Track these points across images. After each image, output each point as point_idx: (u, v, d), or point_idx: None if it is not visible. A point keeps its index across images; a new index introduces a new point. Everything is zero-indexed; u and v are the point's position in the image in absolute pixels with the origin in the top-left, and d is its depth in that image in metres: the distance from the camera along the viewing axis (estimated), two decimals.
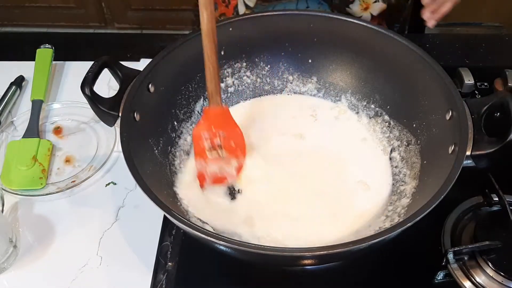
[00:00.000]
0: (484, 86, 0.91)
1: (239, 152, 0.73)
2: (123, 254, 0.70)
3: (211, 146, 0.71)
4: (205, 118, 0.71)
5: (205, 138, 0.71)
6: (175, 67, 0.74)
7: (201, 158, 0.72)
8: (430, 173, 0.67)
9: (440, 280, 0.67)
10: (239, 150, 0.73)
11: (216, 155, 0.72)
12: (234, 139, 0.72)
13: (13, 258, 0.70)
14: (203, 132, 0.71)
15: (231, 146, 0.72)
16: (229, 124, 0.72)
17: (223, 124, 0.72)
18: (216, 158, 0.72)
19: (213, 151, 0.72)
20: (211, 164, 0.72)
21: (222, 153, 0.72)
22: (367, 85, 0.81)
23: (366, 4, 0.95)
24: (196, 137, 0.72)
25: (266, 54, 0.83)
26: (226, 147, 0.72)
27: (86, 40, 1.08)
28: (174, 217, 0.56)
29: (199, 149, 0.72)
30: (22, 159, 0.79)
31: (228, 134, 0.72)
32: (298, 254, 0.55)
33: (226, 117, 0.72)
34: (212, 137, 0.71)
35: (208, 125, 0.71)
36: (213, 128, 0.71)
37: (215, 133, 0.71)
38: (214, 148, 0.71)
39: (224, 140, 0.72)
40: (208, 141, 0.71)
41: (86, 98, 0.65)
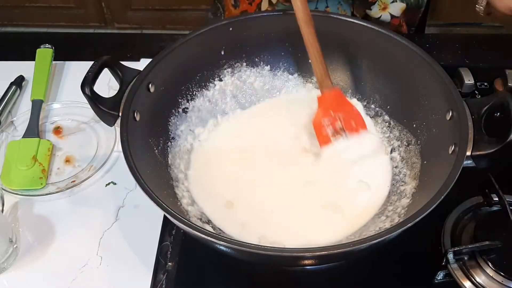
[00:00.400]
0: (484, 86, 0.91)
1: (361, 130, 0.74)
2: (123, 254, 0.70)
3: (333, 131, 0.72)
4: (322, 105, 0.72)
5: (326, 125, 0.72)
6: (175, 67, 0.74)
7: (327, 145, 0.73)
8: (430, 173, 0.67)
9: (440, 280, 0.67)
10: (360, 127, 0.74)
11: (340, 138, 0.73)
12: (353, 118, 0.73)
13: (13, 258, 0.70)
14: (323, 119, 0.72)
15: (352, 125, 0.73)
16: (345, 104, 0.73)
17: (340, 105, 0.72)
18: None
19: (337, 135, 0.72)
20: None
21: (346, 135, 0.72)
22: (367, 85, 0.81)
23: (384, 5, 0.96)
24: (317, 126, 0.73)
25: (266, 54, 0.83)
26: (348, 127, 0.73)
27: (86, 40, 1.08)
28: (174, 217, 0.56)
29: (323, 137, 0.73)
30: (22, 159, 0.79)
31: (347, 115, 0.73)
32: (298, 254, 0.55)
33: (341, 98, 0.73)
34: (333, 122, 0.72)
35: (327, 111, 0.72)
36: (331, 112, 0.72)
37: (335, 117, 0.72)
38: (337, 132, 0.72)
39: (345, 121, 0.72)
40: (330, 127, 0.72)
41: (86, 98, 0.65)
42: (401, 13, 0.98)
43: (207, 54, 0.78)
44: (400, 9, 0.97)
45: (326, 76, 0.70)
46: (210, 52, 0.78)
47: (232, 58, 0.81)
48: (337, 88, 0.73)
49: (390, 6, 0.96)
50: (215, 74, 0.80)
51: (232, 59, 0.81)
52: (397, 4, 0.96)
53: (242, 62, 0.82)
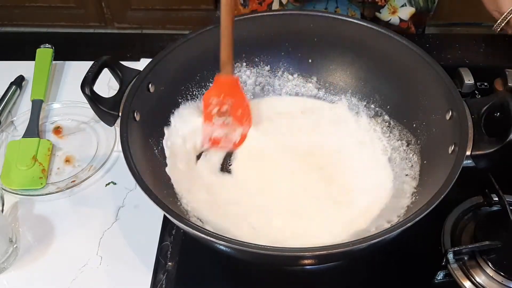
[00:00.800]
0: (484, 86, 0.91)
1: (245, 121, 0.76)
2: (123, 254, 0.70)
3: (219, 111, 0.74)
4: (215, 85, 0.75)
5: (213, 103, 0.74)
6: (175, 67, 0.74)
7: (209, 122, 0.75)
8: (430, 173, 0.67)
9: (440, 280, 0.67)
10: (245, 119, 0.76)
11: (222, 121, 0.74)
12: (241, 108, 0.75)
13: (13, 258, 0.70)
14: (212, 98, 0.74)
15: (237, 114, 0.75)
16: (237, 93, 0.75)
17: (232, 92, 0.75)
18: (223, 124, 0.75)
19: (221, 117, 0.74)
20: (217, 129, 0.75)
21: (228, 120, 0.74)
22: (367, 85, 0.81)
23: (394, 8, 0.96)
24: (205, 102, 0.75)
25: (266, 54, 0.83)
26: (233, 114, 0.75)
27: (86, 40, 1.08)
28: (174, 217, 0.56)
29: (207, 114, 0.75)
30: (22, 159, 0.79)
31: (236, 103, 0.75)
32: (298, 254, 0.55)
33: (235, 86, 0.75)
34: (221, 104, 0.74)
35: (218, 92, 0.74)
36: (222, 95, 0.74)
37: (223, 100, 0.74)
38: (221, 114, 0.74)
39: (232, 107, 0.74)
40: (217, 107, 0.74)
41: (86, 98, 0.65)
42: (409, 17, 0.98)
43: (207, 54, 0.78)
44: (409, 13, 0.97)
45: (228, 63, 0.73)
46: (210, 52, 0.78)
47: None
48: (235, 78, 0.76)
49: (399, 10, 0.96)
50: (215, 74, 0.80)
51: None
52: (407, 8, 0.97)
53: (242, 62, 0.82)
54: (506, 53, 0.97)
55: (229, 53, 0.72)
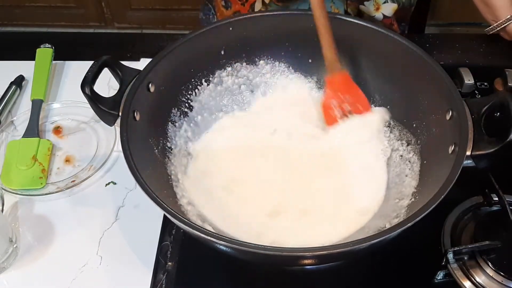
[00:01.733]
0: (484, 86, 0.91)
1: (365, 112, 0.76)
2: (123, 254, 0.70)
3: (342, 113, 0.75)
4: (331, 87, 0.75)
5: (334, 106, 0.74)
6: (175, 67, 0.74)
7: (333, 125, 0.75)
8: (430, 173, 0.67)
9: (440, 280, 0.67)
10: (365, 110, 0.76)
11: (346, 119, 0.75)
12: (360, 101, 0.75)
13: (13, 258, 0.70)
14: (332, 101, 0.74)
15: (359, 109, 0.75)
16: (352, 87, 0.75)
17: (348, 88, 0.74)
18: None
19: (345, 118, 0.75)
20: None
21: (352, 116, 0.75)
22: (367, 85, 0.81)
23: (377, 5, 0.96)
24: (326, 108, 0.75)
25: (266, 54, 0.82)
26: (355, 110, 0.75)
27: (86, 40, 1.08)
28: (174, 217, 0.56)
29: (330, 118, 0.75)
30: (22, 158, 0.79)
31: (354, 98, 0.75)
32: (298, 254, 0.55)
33: (349, 81, 0.75)
34: (341, 104, 0.74)
35: (335, 93, 0.74)
36: (340, 94, 0.74)
37: (343, 99, 0.74)
38: (345, 115, 0.74)
39: (352, 104, 0.74)
40: (339, 109, 0.74)
41: (86, 97, 0.65)
42: (393, 13, 0.98)
43: (207, 54, 0.78)
44: (392, 9, 0.97)
45: (335, 60, 0.72)
46: (210, 52, 0.78)
47: (232, 58, 0.81)
48: (345, 72, 0.75)
49: (382, 6, 0.96)
50: (215, 74, 0.80)
51: (232, 59, 0.81)
52: (389, 4, 0.97)
53: (242, 62, 0.82)
54: (506, 53, 0.97)
55: (333, 51, 0.72)
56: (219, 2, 1.03)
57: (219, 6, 1.03)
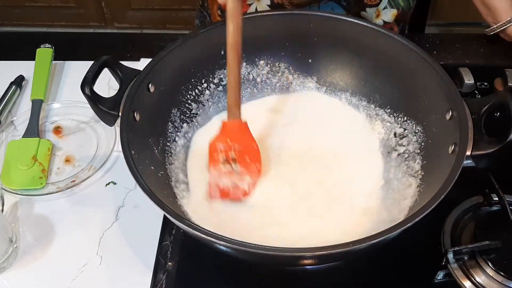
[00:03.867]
0: (484, 86, 0.91)
1: (254, 169, 0.72)
2: (123, 254, 0.70)
3: (225, 159, 0.71)
4: (222, 131, 0.71)
5: (220, 150, 0.71)
6: (175, 67, 0.74)
7: (215, 169, 0.71)
8: (430, 173, 0.67)
9: (440, 280, 0.67)
10: (254, 166, 0.72)
11: (230, 168, 0.71)
12: (249, 154, 0.71)
13: (13, 258, 0.70)
14: (219, 144, 0.71)
15: (245, 161, 0.71)
16: (246, 138, 0.72)
17: (240, 138, 0.71)
18: (230, 172, 0.71)
19: (227, 164, 0.71)
20: (223, 177, 0.71)
21: (236, 167, 0.71)
22: (367, 85, 0.81)
23: (378, 11, 0.96)
24: (211, 148, 0.71)
25: (266, 54, 0.83)
26: (240, 161, 0.71)
27: (86, 40, 1.08)
28: (174, 217, 0.57)
29: (213, 161, 0.71)
30: (22, 158, 0.79)
31: (244, 149, 0.71)
32: (298, 254, 0.55)
33: (244, 131, 0.72)
34: (227, 150, 0.71)
35: (224, 138, 0.71)
36: (228, 141, 0.70)
37: (230, 146, 0.71)
38: (228, 161, 0.71)
39: (239, 154, 0.71)
40: (223, 154, 0.71)
41: (86, 97, 0.65)
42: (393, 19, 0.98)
43: (207, 54, 0.78)
44: (392, 14, 0.97)
45: (235, 107, 0.70)
46: (210, 52, 0.78)
47: None
48: (244, 122, 0.72)
49: (382, 13, 0.97)
50: (215, 74, 0.80)
51: None
52: (388, 10, 0.97)
53: (242, 62, 0.82)
54: (506, 53, 0.97)
55: (236, 97, 0.69)
56: (215, 11, 1.03)
57: (215, 14, 1.03)
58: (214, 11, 1.03)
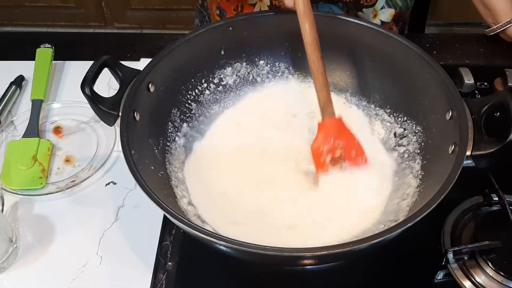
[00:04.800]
0: (484, 86, 0.91)
1: (361, 161, 0.72)
2: (123, 253, 0.70)
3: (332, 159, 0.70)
4: (322, 131, 0.71)
5: (325, 152, 0.70)
6: (175, 67, 0.74)
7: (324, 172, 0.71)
8: (430, 173, 0.67)
9: (440, 280, 0.67)
10: (360, 158, 0.72)
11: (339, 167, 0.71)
12: (354, 148, 0.71)
13: (13, 258, 0.70)
14: (323, 146, 0.70)
15: (351, 155, 0.71)
16: (346, 133, 0.71)
17: (341, 134, 0.71)
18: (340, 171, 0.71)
19: (336, 165, 0.71)
20: None
21: (344, 165, 0.71)
22: (367, 85, 0.81)
23: (375, 11, 0.96)
24: (316, 153, 0.71)
25: (266, 54, 0.83)
26: (347, 157, 0.70)
27: (86, 40, 1.08)
28: (174, 217, 0.56)
29: (320, 164, 0.71)
30: (22, 158, 0.79)
31: (347, 144, 0.71)
32: (298, 254, 0.55)
33: (342, 126, 0.71)
34: (333, 150, 0.70)
35: (326, 138, 0.70)
36: (331, 140, 0.70)
37: (334, 144, 0.70)
38: (336, 161, 0.70)
39: (345, 150, 0.70)
40: (330, 154, 0.70)
41: (86, 97, 0.65)
42: (391, 19, 0.98)
43: (207, 54, 0.78)
44: (390, 14, 0.97)
45: (329, 104, 0.69)
46: (210, 52, 0.78)
47: (232, 58, 0.81)
48: (339, 118, 0.71)
49: (379, 12, 0.97)
50: (215, 74, 0.80)
51: (232, 59, 0.81)
52: (386, 10, 0.97)
53: (242, 62, 0.82)
54: (506, 53, 0.97)
55: (327, 93, 0.69)
56: (214, 10, 1.03)
57: (214, 14, 1.03)
58: (213, 11, 1.04)
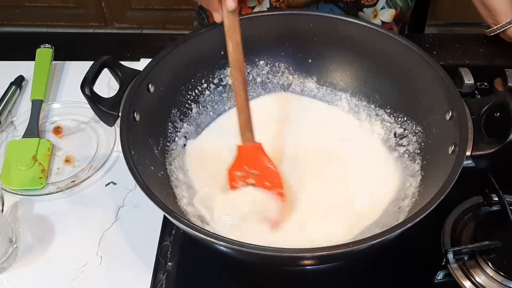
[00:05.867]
0: (484, 86, 0.91)
1: (276, 191, 0.69)
2: (123, 254, 0.70)
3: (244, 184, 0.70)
4: (238, 157, 0.70)
5: (238, 177, 0.70)
6: (175, 67, 0.74)
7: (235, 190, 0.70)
8: (430, 173, 0.67)
9: (440, 280, 0.67)
10: (275, 189, 0.69)
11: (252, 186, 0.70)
12: (268, 179, 0.70)
13: (13, 258, 0.70)
14: (236, 173, 0.70)
15: (266, 185, 0.69)
16: (262, 162, 0.70)
17: (256, 162, 0.69)
18: None
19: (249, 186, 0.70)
20: None
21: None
22: (367, 85, 0.81)
23: (376, 11, 0.96)
24: (229, 177, 0.70)
25: (266, 54, 0.83)
26: (260, 186, 0.69)
27: (86, 40, 1.08)
28: (174, 217, 0.56)
29: (234, 188, 0.70)
30: (22, 159, 0.79)
31: (262, 174, 0.70)
32: (298, 255, 0.55)
33: (259, 154, 0.70)
34: (245, 177, 0.70)
35: (240, 165, 0.70)
36: (246, 167, 0.69)
37: (247, 173, 0.69)
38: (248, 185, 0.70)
39: (258, 179, 0.69)
40: (242, 181, 0.70)
41: (86, 98, 0.65)
42: (392, 19, 0.98)
43: (207, 54, 0.78)
44: (390, 14, 0.98)
45: (247, 129, 0.68)
46: (210, 52, 0.78)
47: None
48: (258, 145, 0.70)
49: (380, 13, 0.97)
50: (215, 74, 0.80)
51: None
52: (386, 10, 0.97)
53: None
54: (506, 53, 0.97)
55: (247, 118, 0.67)
56: None
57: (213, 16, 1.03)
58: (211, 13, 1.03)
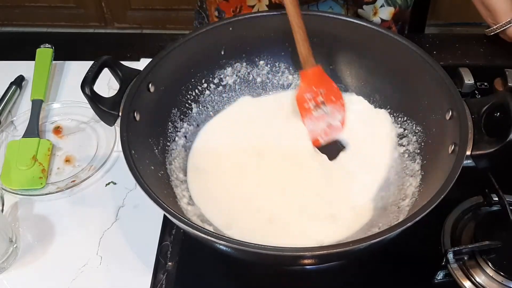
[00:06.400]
0: (484, 86, 0.91)
1: (340, 105, 0.78)
2: (123, 254, 0.70)
3: (315, 105, 0.77)
4: (304, 80, 0.78)
5: (308, 99, 0.77)
6: (175, 67, 0.74)
7: (309, 118, 0.78)
8: (430, 173, 0.67)
9: (440, 280, 0.67)
10: (339, 102, 0.78)
11: (322, 112, 0.77)
12: (333, 93, 0.78)
13: (13, 258, 0.70)
14: (306, 94, 0.77)
15: (332, 100, 0.78)
16: (326, 80, 0.78)
17: (321, 82, 0.77)
18: (322, 115, 0.77)
19: (318, 109, 0.77)
20: (319, 122, 0.77)
21: (327, 109, 0.77)
22: (367, 85, 0.81)
23: (375, 9, 0.96)
24: (300, 100, 0.78)
25: (266, 54, 0.83)
26: (328, 101, 0.77)
27: (86, 40, 1.08)
28: (174, 216, 0.57)
29: (305, 111, 0.78)
30: (22, 159, 0.79)
31: (327, 90, 0.78)
32: (298, 254, 0.55)
33: (322, 75, 0.78)
34: (315, 96, 0.77)
35: (309, 86, 0.77)
36: (313, 87, 0.77)
37: (316, 91, 0.77)
38: (318, 106, 0.77)
39: (325, 96, 0.77)
40: (312, 101, 0.77)
41: (86, 97, 0.65)
42: (391, 17, 0.98)
43: (207, 54, 0.78)
44: (390, 12, 0.98)
45: (310, 55, 0.75)
46: (210, 52, 0.78)
47: (232, 58, 0.81)
48: (319, 66, 0.77)
49: (379, 10, 0.97)
50: (215, 74, 0.80)
51: (232, 59, 0.81)
52: (386, 8, 0.97)
53: (242, 62, 0.82)
54: (506, 53, 0.97)
55: (307, 46, 0.74)
56: (213, 12, 1.03)
57: (213, 16, 1.03)
58: (212, 12, 1.04)
